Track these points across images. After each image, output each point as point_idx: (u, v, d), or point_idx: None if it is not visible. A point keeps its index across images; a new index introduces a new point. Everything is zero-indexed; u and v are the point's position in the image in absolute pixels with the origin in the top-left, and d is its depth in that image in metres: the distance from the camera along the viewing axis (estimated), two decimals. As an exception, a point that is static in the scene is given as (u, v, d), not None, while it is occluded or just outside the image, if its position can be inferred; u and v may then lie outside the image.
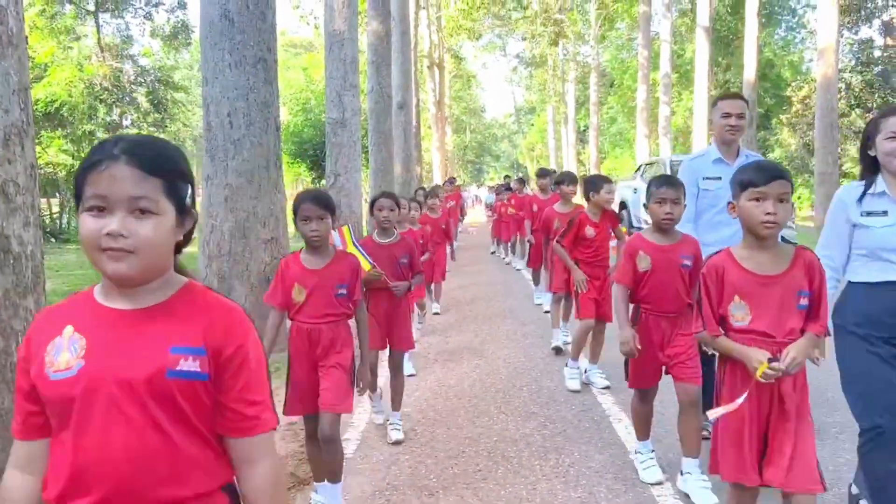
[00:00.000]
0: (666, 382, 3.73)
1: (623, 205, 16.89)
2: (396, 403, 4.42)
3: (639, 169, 18.70)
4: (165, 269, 1.34)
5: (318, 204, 3.20)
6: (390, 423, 4.37)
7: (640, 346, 3.50)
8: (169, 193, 1.28)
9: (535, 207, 8.79)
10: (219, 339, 1.31)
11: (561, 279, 6.05)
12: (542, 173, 9.55)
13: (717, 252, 2.56)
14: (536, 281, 8.93)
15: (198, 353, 1.29)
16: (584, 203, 5.56)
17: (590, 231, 5.21)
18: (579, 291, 5.11)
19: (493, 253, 15.71)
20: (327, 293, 3.26)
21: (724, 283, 2.47)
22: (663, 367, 3.66)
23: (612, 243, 5.47)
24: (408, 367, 5.64)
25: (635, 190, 16.01)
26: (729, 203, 2.51)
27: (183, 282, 1.38)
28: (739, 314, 2.46)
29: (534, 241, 8.49)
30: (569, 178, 6.79)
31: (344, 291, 3.30)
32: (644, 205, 3.56)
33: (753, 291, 2.44)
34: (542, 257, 7.82)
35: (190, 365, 1.28)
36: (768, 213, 2.34)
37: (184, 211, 1.33)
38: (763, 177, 2.38)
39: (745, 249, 2.49)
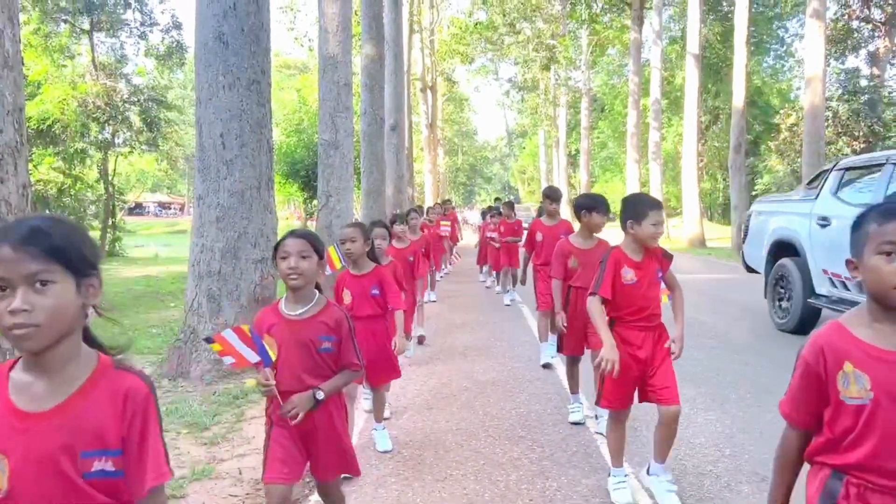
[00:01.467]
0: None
1: (783, 247, 8.84)
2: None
3: (818, 178, 8.82)
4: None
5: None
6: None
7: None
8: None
9: (539, 236, 6.67)
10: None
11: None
12: (555, 195, 6.81)
13: None
14: (545, 335, 6.71)
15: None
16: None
17: (628, 275, 3.64)
18: (605, 372, 3.44)
19: (482, 281, 14.15)
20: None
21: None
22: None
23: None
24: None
25: (823, 221, 7.89)
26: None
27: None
28: None
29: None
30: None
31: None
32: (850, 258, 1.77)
33: None
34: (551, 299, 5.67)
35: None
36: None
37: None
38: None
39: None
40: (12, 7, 2.81)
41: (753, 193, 32.45)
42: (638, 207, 3.63)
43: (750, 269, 10.20)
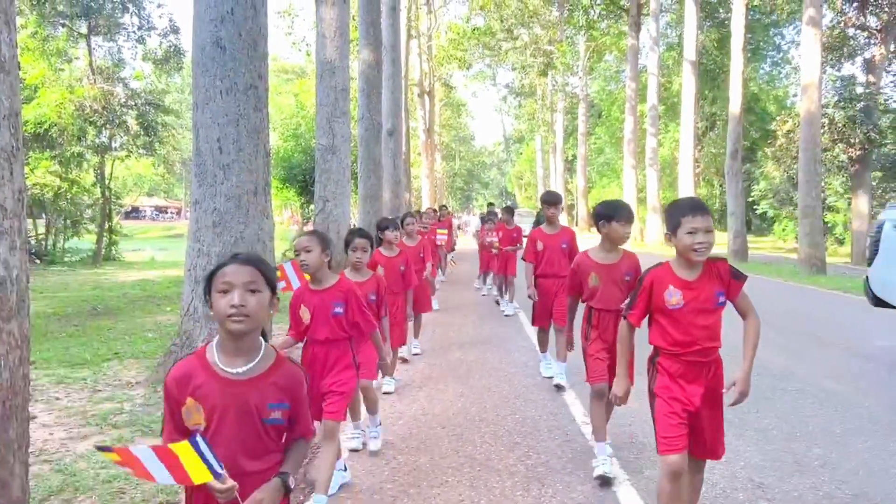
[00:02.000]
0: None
1: None
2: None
3: None
4: None
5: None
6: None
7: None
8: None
9: (539, 245, 6.19)
10: None
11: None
12: (552, 199, 6.40)
13: None
14: (544, 346, 6.59)
15: None
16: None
17: (673, 298, 3.05)
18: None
19: (478, 289, 13.86)
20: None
21: None
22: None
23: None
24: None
25: None
26: None
27: None
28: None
29: (536, 297, 6.16)
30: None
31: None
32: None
33: None
34: (550, 316, 6.11)
35: None
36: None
37: None
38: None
39: None
40: (9, 10, 2.80)
41: (749, 199, 32.57)
42: (673, 214, 2.96)
43: (880, 303, 7.49)
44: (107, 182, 24.61)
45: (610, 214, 4.16)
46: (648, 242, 29.71)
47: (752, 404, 5.63)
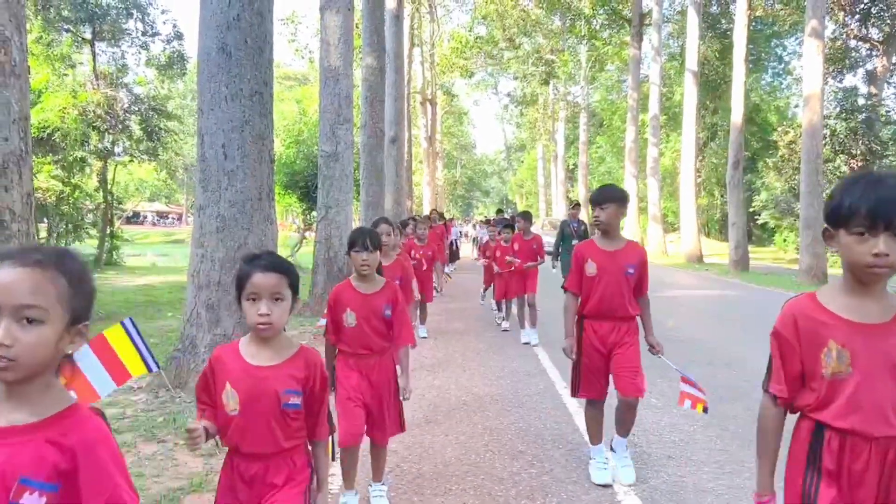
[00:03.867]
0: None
1: None
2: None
3: None
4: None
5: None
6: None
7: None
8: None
9: (590, 268, 4.12)
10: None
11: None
12: (607, 197, 4.24)
13: None
14: (596, 437, 4.42)
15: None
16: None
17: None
18: None
19: (493, 310, 11.18)
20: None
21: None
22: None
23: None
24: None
25: None
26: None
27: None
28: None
29: (573, 355, 4.25)
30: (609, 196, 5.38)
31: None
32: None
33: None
34: (604, 385, 4.36)
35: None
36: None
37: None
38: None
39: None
40: (20, 16, 2.82)
41: (751, 210, 32.58)
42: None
43: None
44: (109, 187, 24.63)
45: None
46: (649, 252, 29.70)
47: (754, 414, 5.61)
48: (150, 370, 2.04)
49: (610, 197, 4.08)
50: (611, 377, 4.23)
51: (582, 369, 4.23)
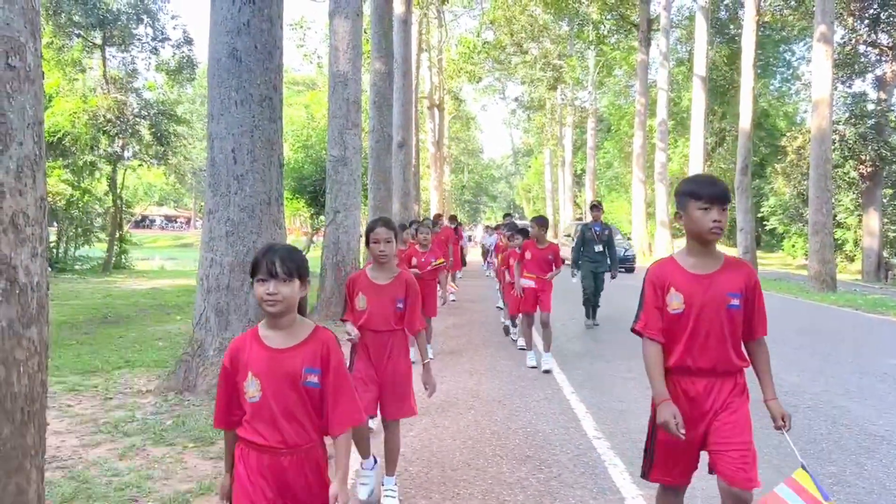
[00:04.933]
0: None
1: None
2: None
3: None
4: None
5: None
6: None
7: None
8: None
9: (674, 302, 2.80)
10: None
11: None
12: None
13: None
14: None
15: None
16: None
17: None
18: None
19: (505, 328, 10.11)
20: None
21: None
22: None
23: None
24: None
25: None
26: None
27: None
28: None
29: (682, 433, 2.76)
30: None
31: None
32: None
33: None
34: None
35: None
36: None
37: None
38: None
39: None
40: (35, 23, 2.85)
41: (759, 215, 32.48)
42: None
43: None
44: (118, 191, 24.78)
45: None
46: (657, 256, 29.63)
47: (763, 421, 5.60)
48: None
49: (728, 194, 2.74)
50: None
51: (658, 444, 2.93)
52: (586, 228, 10.71)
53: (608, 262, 10.53)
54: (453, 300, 12.97)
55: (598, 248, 10.49)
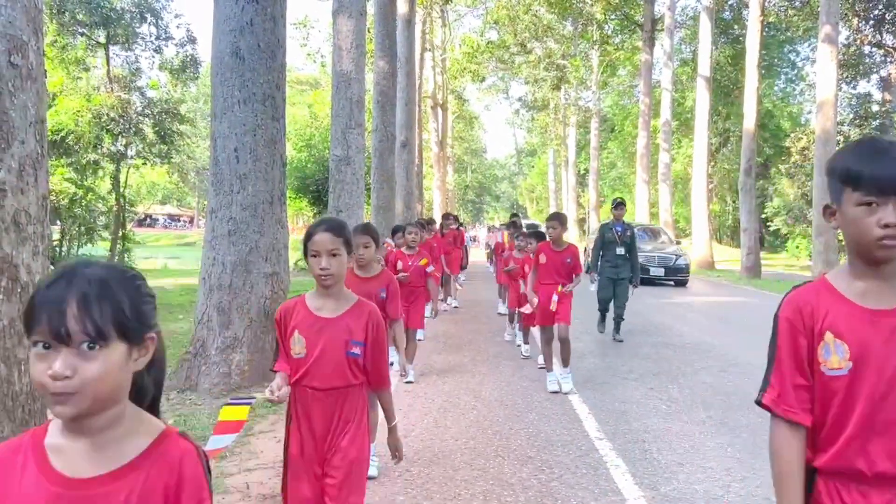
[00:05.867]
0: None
1: None
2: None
3: None
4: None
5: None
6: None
7: None
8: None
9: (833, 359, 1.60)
10: None
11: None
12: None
13: None
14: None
15: None
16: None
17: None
18: None
19: (508, 339, 9.40)
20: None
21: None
22: None
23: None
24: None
25: None
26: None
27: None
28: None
29: None
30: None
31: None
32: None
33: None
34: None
35: None
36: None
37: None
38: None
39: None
40: (37, 20, 2.85)
41: (763, 216, 32.42)
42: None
43: None
44: (121, 189, 24.80)
45: None
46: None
47: (766, 422, 5.58)
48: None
49: None
50: None
51: None
52: (606, 229, 9.57)
53: (631, 267, 9.39)
54: (455, 306, 12.85)
55: (620, 251, 9.30)
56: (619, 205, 9.79)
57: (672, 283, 17.94)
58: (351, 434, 2.57)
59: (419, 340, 8.10)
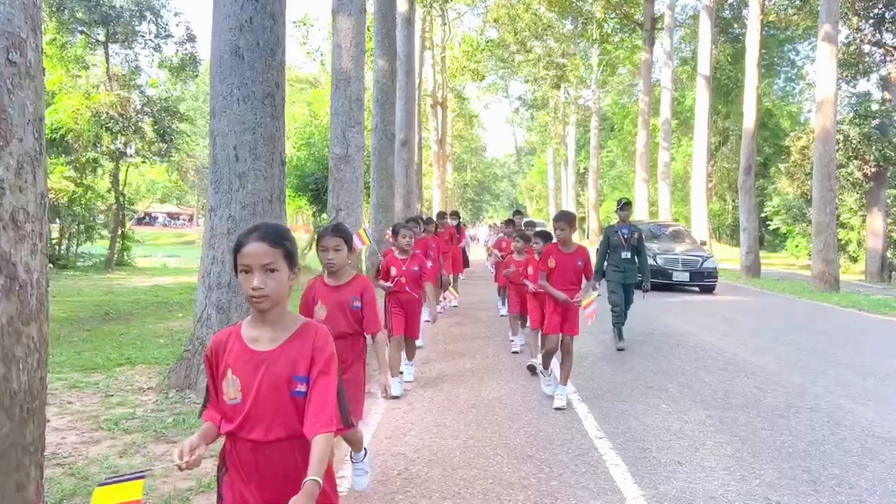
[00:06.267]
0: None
1: None
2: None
3: None
4: None
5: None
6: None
7: None
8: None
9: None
10: None
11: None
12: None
13: None
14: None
15: None
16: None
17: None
18: None
19: (530, 367, 7.56)
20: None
21: None
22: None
23: None
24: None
25: None
26: None
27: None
28: None
29: None
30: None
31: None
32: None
33: None
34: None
35: None
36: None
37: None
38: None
39: None
40: (36, 17, 2.84)
41: (762, 215, 32.43)
42: None
43: None
44: (121, 188, 24.78)
45: None
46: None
47: (765, 421, 5.59)
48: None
49: None
50: None
51: None
52: (612, 232, 8.99)
53: (638, 271, 8.92)
54: (454, 306, 12.77)
55: (626, 254, 8.79)
56: (624, 206, 9.18)
57: (697, 289, 16.47)
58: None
59: (419, 348, 7.93)
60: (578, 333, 6.15)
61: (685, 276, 16.12)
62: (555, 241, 6.30)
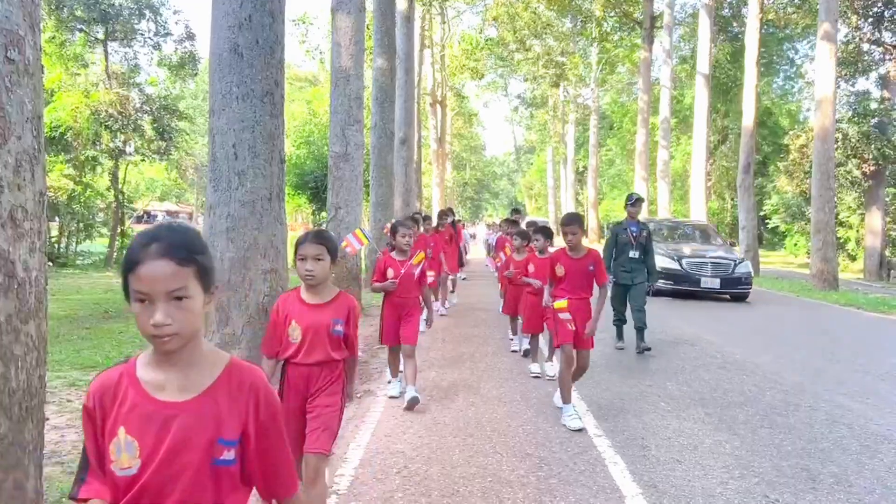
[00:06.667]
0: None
1: None
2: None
3: None
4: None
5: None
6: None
7: None
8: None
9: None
10: None
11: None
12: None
13: None
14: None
15: None
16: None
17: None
18: None
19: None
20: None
21: None
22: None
23: None
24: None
25: None
26: None
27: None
28: None
29: None
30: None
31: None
32: None
33: None
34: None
35: None
36: None
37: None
38: None
39: None
40: (34, 15, 2.84)
41: (761, 214, 32.44)
42: None
43: None
44: (120, 186, 24.77)
45: None
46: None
47: (764, 420, 5.59)
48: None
49: None
50: None
51: None
52: (620, 229, 8.62)
53: (647, 271, 8.52)
54: (455, 302, 12.77)
55: (634, 254, 8.39)
56: (636, 201, 8.66)
57: (728, 297, 14.59)
58: None
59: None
60: (593, 346, 5.78)
61: (715, 283, 14.21)
62: (564, 245, 5.71)
